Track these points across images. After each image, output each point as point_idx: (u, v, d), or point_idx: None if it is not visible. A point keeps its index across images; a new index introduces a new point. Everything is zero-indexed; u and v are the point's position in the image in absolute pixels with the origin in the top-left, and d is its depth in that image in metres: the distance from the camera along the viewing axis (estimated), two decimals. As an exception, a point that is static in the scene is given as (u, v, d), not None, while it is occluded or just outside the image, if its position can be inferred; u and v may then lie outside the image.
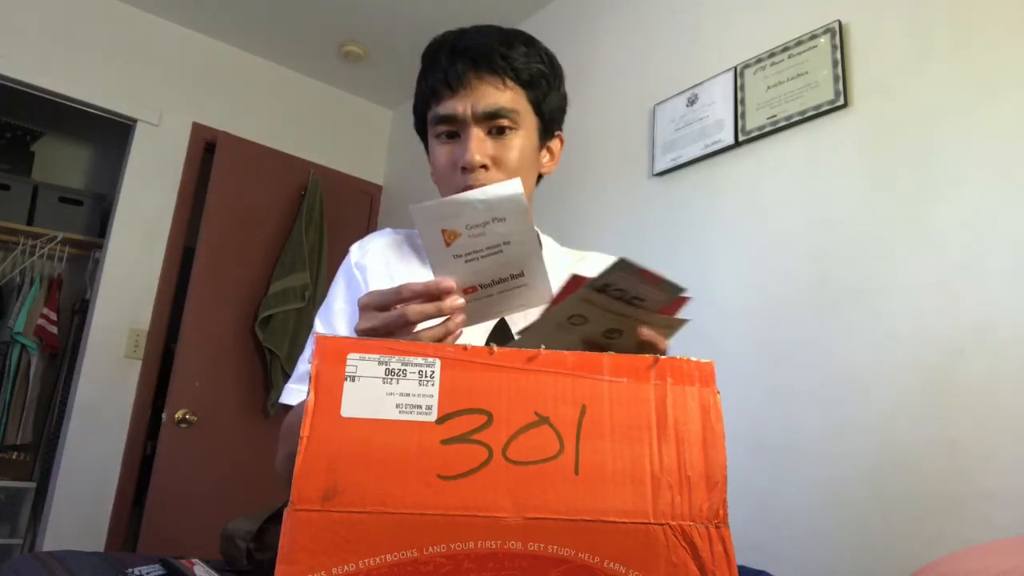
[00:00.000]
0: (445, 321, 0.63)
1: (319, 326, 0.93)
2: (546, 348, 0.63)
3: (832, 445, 1.47)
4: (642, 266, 0.56)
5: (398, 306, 0.63)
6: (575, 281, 0.60)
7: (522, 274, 0.65)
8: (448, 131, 0.89)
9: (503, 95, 0.89)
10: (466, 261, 0.63)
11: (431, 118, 0.92)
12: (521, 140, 0.90)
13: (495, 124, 0.88)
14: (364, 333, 0.64)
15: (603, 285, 0.58)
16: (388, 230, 1.01)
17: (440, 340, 0.63)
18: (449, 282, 0.63)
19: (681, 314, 0.64)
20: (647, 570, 0.45)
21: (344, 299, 0.94)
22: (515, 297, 0.67)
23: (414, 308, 0.62)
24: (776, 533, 1.51)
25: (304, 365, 0.94)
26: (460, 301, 0.64)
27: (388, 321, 0.62)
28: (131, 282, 2.72)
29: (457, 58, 0.89)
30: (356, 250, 0.98)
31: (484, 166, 0.87)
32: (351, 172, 3.16)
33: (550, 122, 0.96)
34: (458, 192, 0.86)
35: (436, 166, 0.92)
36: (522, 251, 0.64)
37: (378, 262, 0.95)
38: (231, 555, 1.01)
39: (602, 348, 0.64)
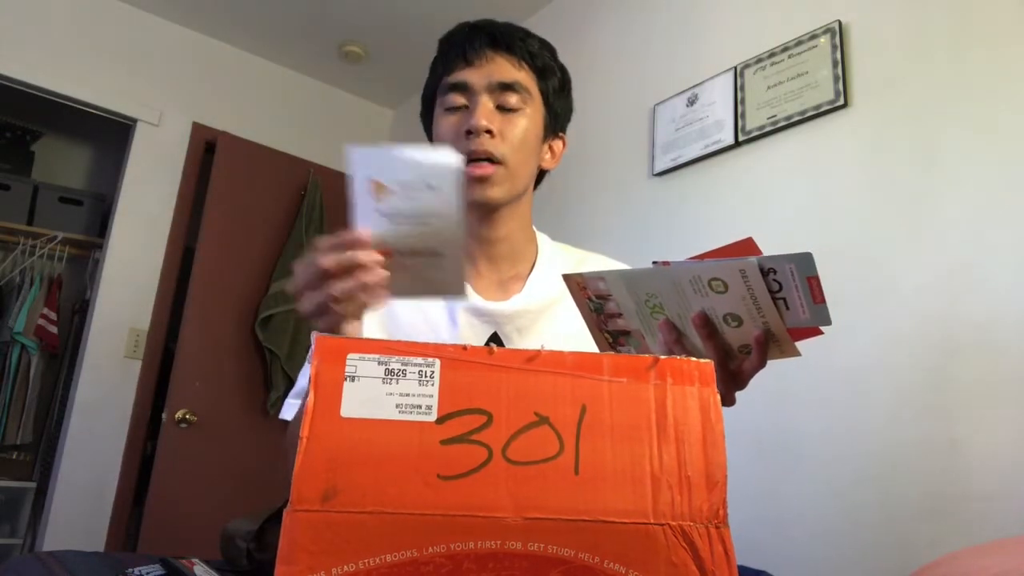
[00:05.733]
0: (356, 273, 0.60)
1: None
2: (670, 306, 0.60)
3: (832, 445, 1.47)
4: (818, 274, 0.55)
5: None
6: (748, 245, 0.57)
7: (440, 255, 0.61)
8: (455, 104, 0.89)
9: (518, 72, 0.90)
10: (388, 220, 0.59)
11: (440, 88, 0.91)
12: (528, 121, 0.90)
13: (505, 99, 0.89)
14: (305, 312, 0.62)
15: (771, 267, 0.56)
16: None
17: (355, 295, 0.60)
18: (361, 233, 0.60)
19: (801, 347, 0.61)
20: (647, 570, 0.45)
21: None
22: (426, 278, 0.62)
23: (323, 257, 0.60)
24: (776, 533, 1.51)
25: (304, 379, 0.93)
26: (377, 256, 0.60)
27: (308, 277, 0.61)
28: (131, 282, 2.72)
29: (476, 34, 0.90)
30: None
31: (490, 132, 0.86)
32: (351, 172, 3.15)
33: (556, 119, 0.96)
34: None
35: (439, 136, 0.90)
36: (447, 233, 0.59)
37: None
38: (231, 555, 1.00)
39: (714, 328, 0.62)
